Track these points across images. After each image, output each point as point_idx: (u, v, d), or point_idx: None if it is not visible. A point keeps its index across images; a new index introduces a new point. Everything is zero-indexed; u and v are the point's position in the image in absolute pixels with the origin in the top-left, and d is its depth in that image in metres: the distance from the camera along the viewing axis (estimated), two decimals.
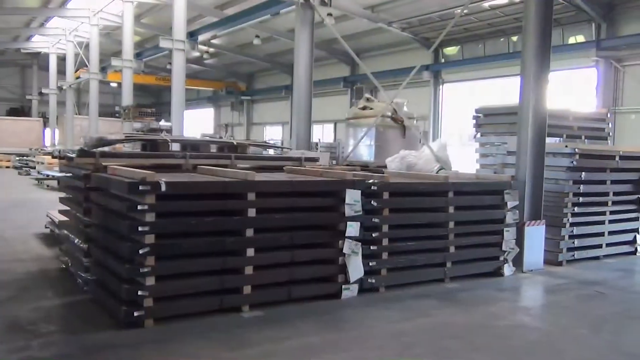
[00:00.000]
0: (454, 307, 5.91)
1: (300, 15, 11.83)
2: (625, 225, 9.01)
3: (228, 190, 5.38)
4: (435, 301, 6.09)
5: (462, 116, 17.39)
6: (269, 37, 24.56)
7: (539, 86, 7.69)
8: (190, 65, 29.83)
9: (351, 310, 5.68)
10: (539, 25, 7.63)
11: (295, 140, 12.09)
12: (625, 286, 7.22)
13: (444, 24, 19.46)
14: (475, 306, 5.97)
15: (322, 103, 26.72)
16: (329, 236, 5.98)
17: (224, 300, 5.29)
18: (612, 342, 5.00)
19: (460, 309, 5.87)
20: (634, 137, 16.47)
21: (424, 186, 6.76)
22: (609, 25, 17.39)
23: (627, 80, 17.34)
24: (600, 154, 8.72)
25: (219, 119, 39.09)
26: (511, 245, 7.35)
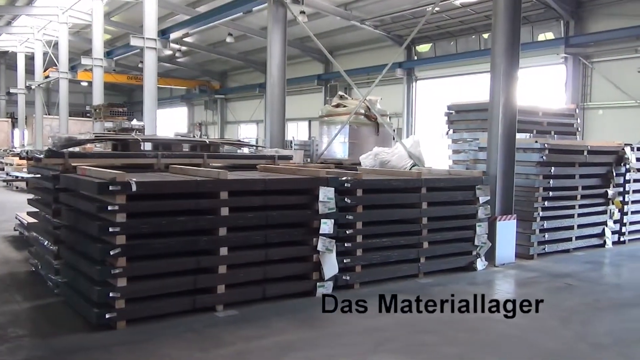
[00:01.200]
0: (427, 302, 5.94)
1: (272, 13, 11.77)
2: (594, 218, 9.20)
3: (200, 190, 5.34)
4: (409, 296, 6.11)
5: (436, 113, 17.55)
6: (242, 35, 24.44)
7: (508, 83, 7.80)
8: (162, 63, 29.53)
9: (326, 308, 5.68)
10: (508, 22, 7.73)
11: (269, 139, 12.04)
12: (594, 278, 7.38)
13: (416, 21, 19.61)
14: (448, 301, 6.02)
15: (296, 101, 26.71)
16: (303, 234, 5.98)
17: (197, 300, 5.26)
18: (581, 332, 5.10)
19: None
20: (602, 132, 16.83)
21: (397, 183, 6.80)
22: (577, 22, 17.73)
23: (595, 77, 17.71)
24: (569, 149, 8.90)
25: (192, 118, 38.76)
26: (483, 240, 7.45)
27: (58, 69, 25.32)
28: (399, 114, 23.23)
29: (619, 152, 9.40)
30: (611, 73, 17.20)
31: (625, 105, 16.93)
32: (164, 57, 29.02)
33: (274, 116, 11.99)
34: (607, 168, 9.26)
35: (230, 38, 24.05)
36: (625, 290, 6.75)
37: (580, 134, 13.87)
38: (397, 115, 23.14)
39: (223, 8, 16.16)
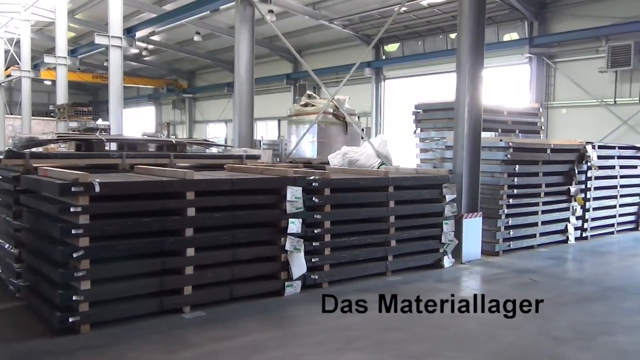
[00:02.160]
0: (394, 300, 5.99)
1: (240, 12, 11.72)
2: (557, 215, 9.41)
3: (166, 190, 5.28)
4: (377, 295, 6.15)
5: (404, 112, 17.71)
6: (210, 34, 24.22)
7: (473, 82, 7.91)
8: (128, 62, 29.09)
9: (295, 307, 5.69)
10: (473, 23, 7.84)
11: (237, 138, 11.98)
12: (557, 273, 7.55)
13: (384, 21, 19.72)
14: (416, 298, 6.08)
15: (265, 100, 26.63)
16: (271, 233, 5.97)
17: (164, 302, 5.20)
18: (544, 327, 5.21)
19: (400, 300, 5.96)
20: (565, 131, 17.21)
21: (364, 182, 6.83)
22: (541, 23, 18.09)
23: (559, 76, 18.10)
24: (533, 147, 9.08)
25: (160, 117, 38.26)
26: (450, 238, 7.55)
27: (20, 67, 24.72)
28: (368, 113, 23.37)
29: (580, 150, 9.64)
30: (574, 73, 17.60)
31: (587, 105, 17.35)
32: (130, 56, 28.58)
33: (242, 115, 11.94)
34: (569, 166, 9.48)
35: (197, 37, 23.82)
36: (587, 285, 6.91)
37: (544, 132, 14.15)
38: (366, 115, 23.28)
39: (190, 6, 15.99)
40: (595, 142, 10.33)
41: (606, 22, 16.35)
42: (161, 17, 18.32)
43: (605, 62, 16.35)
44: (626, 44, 15.88)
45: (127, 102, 27.03)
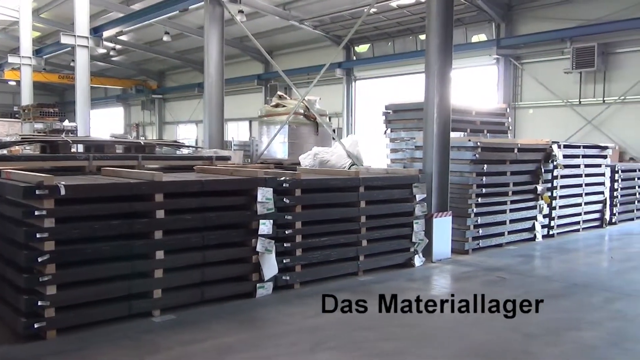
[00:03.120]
0: (367, 300, 6.03)
1: (209, 12, 11.64)
2: (525, 213, 9.58)
3: (134, 192, 5.19)
4: (349, 294, 6.18)
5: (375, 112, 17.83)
6: (179, 34, 24.01)
7: (442, 83, 8.00)
8: (96, 62, 28.63)
9: (266, 308, 5.67)
10: (441, 25, 7.92)
11: (208, 139, 11.90)
12: (525, 271, 7.68)
13: (354, 22, 19.81)
14: (387, 297, 6.12)
15: (236, 101, 26.49)
16: (242, 235, 5.93)
17: (132, 306, 5.12)
18: (512, 324, 5.29)
19: (373, 300, 6.00)
20: (532, 131, 17.56)
21: (335, 182, 6.85)
22: (507, 25, 18.41)
23: (525, 77, 18.45)
24: (500, 147, 9.22)
25: (129, 118, 37.73)
26: (420, 237, 7.61)
27: None
28: (339, 114, 23.46)
29: (547, 149, 9.83)
30: (540, 74, 17.97)
31: (553, 105, 17.73)
32: (97, 56, 28.12)
33: (212, 116, 11.87)
34: (536, 165, 9.66)
35: (167, 37, 23.58)
36: (554, 281, 7.05)
37: (511, 132, 14.40)
38: (337, 115, 23.36)
39: (158, 6, 15.81)
40: (561, 141, 10.55)
41: (571, 24, 16.73)
42: (129, 16, 18.07)
43: (570, 64, 16.75)
44: (590, 45, 16.28)
45: (94, 103, 26.57)
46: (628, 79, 16.00)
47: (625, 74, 16.13)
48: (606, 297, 6.27)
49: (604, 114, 16.55)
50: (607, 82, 16.57)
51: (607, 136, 16.15)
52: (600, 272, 7.79)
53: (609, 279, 7.28)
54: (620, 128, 16.33)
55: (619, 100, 16.28)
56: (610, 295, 6.34)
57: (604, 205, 11.45)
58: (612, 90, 16.50)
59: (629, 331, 5.13)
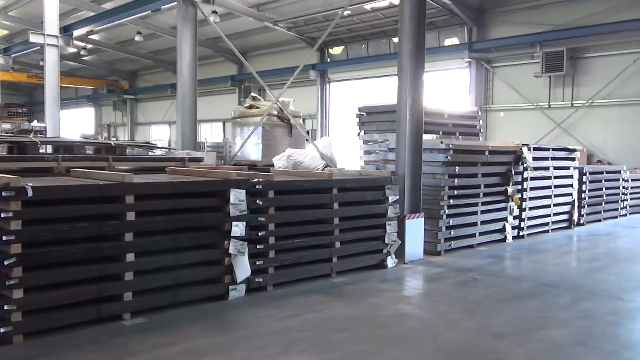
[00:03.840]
0: (339, 301, 6.06)
1: (182, 12, 11.54)
2: (496, 214, 9.72)
3: (104, 194, 5.12)
4: (321, 296, 6.20)
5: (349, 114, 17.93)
6: (151, 34, 23.74)
7: (415, 86, 8.07)
8: (66, 62, 28.15)
9: (239, 311, 5.64)
10: (413, 28, 7.99)
11: (181, 140, 11.80)
12: (496, 271, 7.79)
13: (328, 24, 19.86)
14: (360, 298, 6.16)
15: (210, 102, 26.33)
16: (214, 237, 5.89)
17: (102, 309, 5.04)
18: (483, 323, 5.37)
19: (345, 302, 6.03)
20: (503, 133, 17.85)
21: (308, 184, 6.85)
22: (479, 29, 18.68)
23: (497, 81, 18.75)
24: (472, 149, 9.34)
25: (100, 119, 37.18)
26: (393, 238, 7.66)
27: None
28: (314, 116, 23.49)
29: (517, 152, 10.00)
30: (511, 77, 18.27)
31: (523, 108, 18.05)
32: (67, 55, 27.64)
33: (185, 117, 11.77)
34: (506, 167, 9.81)
35: (139, 37, 23.29)
36: (524, 282, 7.16)
37: (483, 134, 14.63)
38: (311, 117, 23.39)
39: (130, 5, 15.61)
40: (530, 144, 10.73)
41: (540, 29, 17.07)
42: (100, 15, 17.80)
43: (540, 68, 17.09)
44: (559, 50, 16.63)
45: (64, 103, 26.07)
46: (595, 84, 16.38)
47: (593, 78, 16.51)
48: (574, 296, 6.40)
49: (572, 117, 16.91)
50: (575, 86, 16.94)
51: (575, 139, 16.50)
52: (569, 272, 7.94)
53: (577, 278, 7.42)
54: (588, 131, 16.71)
55: (586, 104, 16.65)
56: (578, 294, 6.48)
57: (572, 206, 11.69)
58: (580, 94, 16.87)
59: (595, 330, 5.24)
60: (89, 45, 26.57)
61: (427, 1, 8.42)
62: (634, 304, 6.14)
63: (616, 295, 6.46)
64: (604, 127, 16.46)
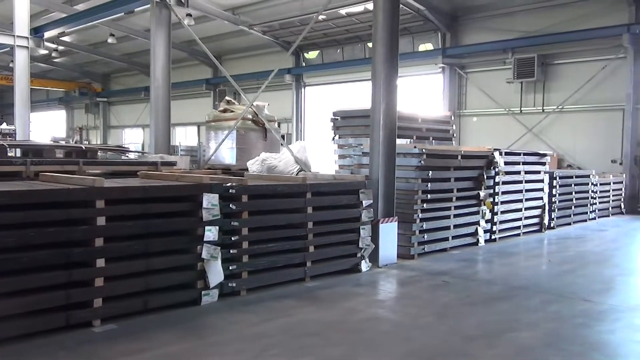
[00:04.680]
0: (313, 305, 6.05)
1: (155, 15, 11.45)
2: (468, 218, 9.83)
3: (73, 198, 5.03)
4: (295, 301, 6.19)
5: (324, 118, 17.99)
6: (125, 36, 23.48)
7: (388, 91, 8.13)
8: (37, 63, 27.67)
9: (211, 316, 5.59)
10: (387, 33, 8.05)
11: (154, 144, 11.68)
12: (468, 274, 7.87)
13: (304, 28, 19.91)
14: (333, 303, 6.17)
15: (184, 105, 26.15)
16: (187, 242, 5.84)
17: (71, 316, 4.94)
18: (454, 326, 5.42)
19: (319, 306, 6.03)
20: (476, 138, 18.09)
21: (282, 188, 6.84)
22: (452, 35, 18.93)
23: (470, 86, 19.00)
24: (445, 154, 9.44)
25: (71, 122, 36.60)
26: (367, 242, 7.69)
27: None
28: (289, 120, 23.50)
29: (489, 156, 10.13)
30: (483, 83, 18.54)
31: (496, 113, 18.32)
32: (38, 57, 27.17)
33: (158, 121, 11.66)
34: (479, 171, 9.93)
35: (112, 39, 22.99)
36: (495, 285, 7.26)
37: (456, 139, 14.79)
38: (286, 121, 23.39)
39: (103, 7, 15.43)
40: (502, 148, 10.90)
41: (512, 36, 17.36)
42: (72, 17, 17.54)
43: (511, 73, 17.37)
44: (530, 56, 16.94)
45: (35, 105, 25.65)
46: (565, 90, 16.73)
47: (563, 84, 16.86)
48: (543, 299, 6.50)
49: (543, 122, 17.23)
50: (546, 92, 17.27)
51: (546, 144, 16.82)
52: (539, 275, 8.07)
53: (547, 281, 7.55)
54: (558, 136, 17.04)
55: (557, 109, 16.98)
56: (548, 297, 6.58)
57: (543, 210, 11.89)
58: (551, 99, 17.20)
59: (564, 332, 5.33)
60: (61, 47, 26.17)
61: (401, 7, 8.51)
62: (602, 306, 6.26)
63: (585, 297, 6.58)
64: (573, 133, 16.81)
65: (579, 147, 16.72)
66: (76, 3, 19.91)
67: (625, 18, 15.49)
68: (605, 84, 16.14)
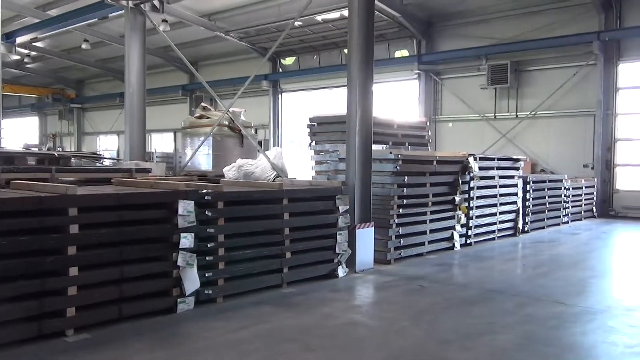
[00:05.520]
0: (290, 311, 6.04)
1: (130, 21, 11.36)
2: (444, 223, 9.92)
3: (46, 206, 4.96)
4: (272, 307, 6.18)
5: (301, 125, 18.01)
6: (99, 42, 23.23)
7: (364, 97, 8.18)
8: (8, 69, 27.18)
9: (188, 324, 5.54)
10: (362, 40, 8.11)
11: (129, 151, 11.56)
12: (444, 279, 7.94)
13: (280, 34, 19.93)
14: (310, 308, 6.16)
15: (160, 111, 25.95)
16: (162, 249, 5.79)
17: (44, 326, 4.86)
18: (430, 331, 5.46)
19: (296, 312, 6.02)
20: (451, 143, 18.29)
21: (258, 194, 6.83)
22: (428, 41, 19.14)
23: (445, 92, 19.21)
24: (420, 159, 9.52)
25: (44, 128, 36.03)
26: (344, 248, 7.71)
27: None
28: (266, 126, 23.47)
29: (464, 161, 10.25)
30: (458, 89, 18.77)
31: (470, 119, 18.55)
32: (10, 62, 26.70)
33: (133, 127, 11.55)
34: (454, 177, 10.04)
35: (86, 44, 22.72)
36: (470, 289, 7.33)
37: (432, 145, 14.93)
38: (264, 127, 23.37)
39: (76, 13, 15.26)
40: (477, 154, 11.02)
41: (486, 43, 17.63)
42: (45, 22, 17.32)
43: (486, 80, 17.62)
44: (504, 63, 17.22)
45: (7, 112, 25.25)
46: (538, 96, 17.03)
47: (536, 90, 17.16)
48: (518, 302, 6.59)
49: (517, 128, 17.49)
50: (519, 98, 17.55)
51: (520, 149, 17.08)
52: (513, 278, 8.18)
53: (521, 284, 7.66)
54: (531, 141, 17.32)
55: (530, 115, 17.26)
56: (522, 300, 6.67)
57: (517, 214, 12.06)
58: (524, 105, 17.49)
59: (538, 334, 5.40)
60: (34, 52, 25.76)
61: (376, 14, 8.59)
62: (575, 308, 6.36)
63: (558, 300, 6.68)
64: (546, 138, 17.10)
65: (551, 152, 17.02)
66: (49, 8, 19.63)
67: (595, 26, 15.85)
68: (576, 90, 16.47)
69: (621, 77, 16.08)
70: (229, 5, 19.19)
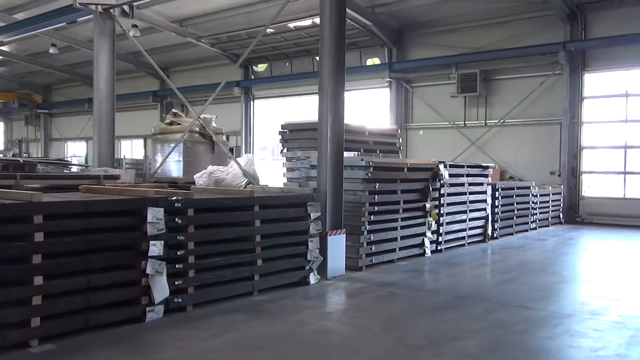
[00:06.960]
0: (261, 319, 6.01)
1: (99, 25, 11.20)
2: (415, 230, 9.99)
3: (9, 214, 4.83)
4: (243, 315, 6.13)
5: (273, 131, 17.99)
6: (67, 47, 22.82)
7: (335, 104, 8.21)
8: None
9: (156, 333, 5.46)
10: (334, 48, 8.15)
11: (97, 157, 11.37)
12: (415, 285, 8.00)
13: (252, 41, 19.91)
14: (282, 316, 6.14)
15: (130, 117, 25.60)
16: (130, 257, 5.69)
17: (7, 336, 4.72)
18: (401, 337, 5.48)
19: (267, 320, 5.99)
20: (423, 150, 18.47)
21: (229, 201, 6.78)
22: (399, 50, 19.34)
23: (416, 100, 19.43)
24: (391, 166, 9.59)
25: (10, 134, 35.21)
26: (315, 255, 7.70)
27: None
28: (238, 132, 23.37)
29: (434, 168, 10.36)
30: (429, 97, 19.00)
31: (441, 127, 18.78)
32: None
33: (102, 133, 11.37)
34: (424, 183, 10.13)
35: (54, 49, 22.29)
36: (441, 294, 7.40)
37: (403, 152, 15.05)
38: (236, 134, 23.27)
39: (44, 17, 14.97)
40: (447, 161, 11.16)
41: (456, 52, 17.89)
42: (11, 26, 16.95)
43: (455, 88, 17.87)
44: (473, 72, 17.50)
45: None
46: (506, 104, 17.35)
47: (504, 99, 17.49)
48: (487, 307, 6.67)
49: (486, 135, 17.78)
50: (488, 106, 17.85)
51: (489, 156, 17.34)
52: (483, 284, 8.29)
53: (490, 290, 7.75)
54: (500, 149, 17.62)
55: (498, 123, 17.57)
56: (491, 305, 6.76)
57: (486, 221, 12.23)
58: (493, 114, 17.79)
59: (506, 339, 5.47)
60: None
61: (348, 22, 8.64)
62: (542, 312, 6.47)
63: (526, 305, 6.79)
64: (515, 145, 17.42)
65: (520, 160, 17.33)
66: (15, 12, 19.24)
67: (561, 36, 16.23)
68: (543, 99, 16.83)
69: (586, 87, 16.50)
70: (200, 11, 19.10)
